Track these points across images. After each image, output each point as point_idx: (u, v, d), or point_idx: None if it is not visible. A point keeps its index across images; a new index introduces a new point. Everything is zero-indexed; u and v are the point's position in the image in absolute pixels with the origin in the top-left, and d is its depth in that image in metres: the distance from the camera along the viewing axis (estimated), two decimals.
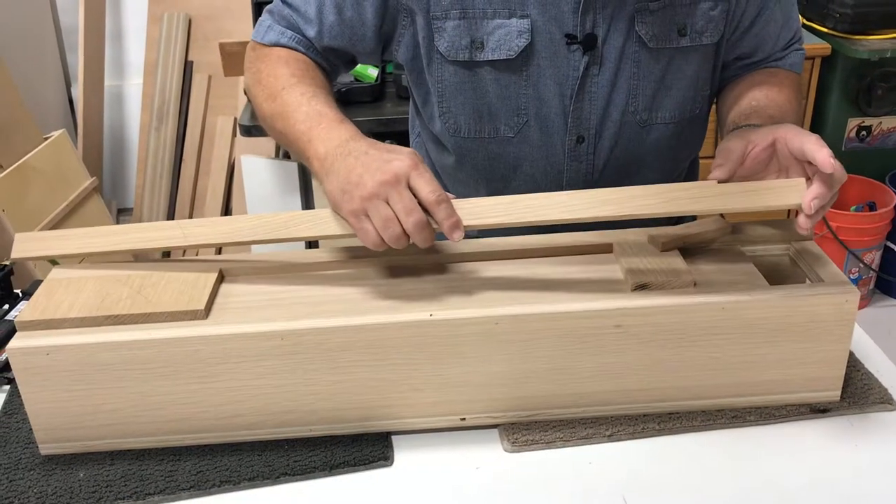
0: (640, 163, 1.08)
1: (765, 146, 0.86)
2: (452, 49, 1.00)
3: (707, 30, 1.01)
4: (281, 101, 0.96)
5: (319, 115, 0.92)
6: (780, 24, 1.07)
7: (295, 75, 0.99)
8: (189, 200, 2.80)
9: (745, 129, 0.91)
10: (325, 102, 0.94)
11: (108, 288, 0.89)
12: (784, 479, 0.82)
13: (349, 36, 1.03)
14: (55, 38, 2.86)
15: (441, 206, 0.80)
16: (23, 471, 0.85)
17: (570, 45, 0.99)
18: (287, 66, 1.01)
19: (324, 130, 0.90)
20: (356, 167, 0.83)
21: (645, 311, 0.82)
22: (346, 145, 0.86)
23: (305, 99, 0.95)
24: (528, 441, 0.86)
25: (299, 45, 1.04)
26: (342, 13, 1.01)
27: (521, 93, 1.01)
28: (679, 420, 0.88)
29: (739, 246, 0.95)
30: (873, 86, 2.31)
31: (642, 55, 1.00)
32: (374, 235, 0.81)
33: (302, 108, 0.94)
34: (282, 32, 1.04)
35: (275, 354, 0.82)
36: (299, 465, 0.84)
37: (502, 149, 1.06)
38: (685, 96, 1.05)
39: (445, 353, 0.83)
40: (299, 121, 0.93)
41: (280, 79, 0.99)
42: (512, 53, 0.98)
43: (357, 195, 0.81)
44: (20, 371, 0.82)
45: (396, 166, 0.80)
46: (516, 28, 0.97)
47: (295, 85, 0.97)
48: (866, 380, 0.92)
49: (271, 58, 1.03)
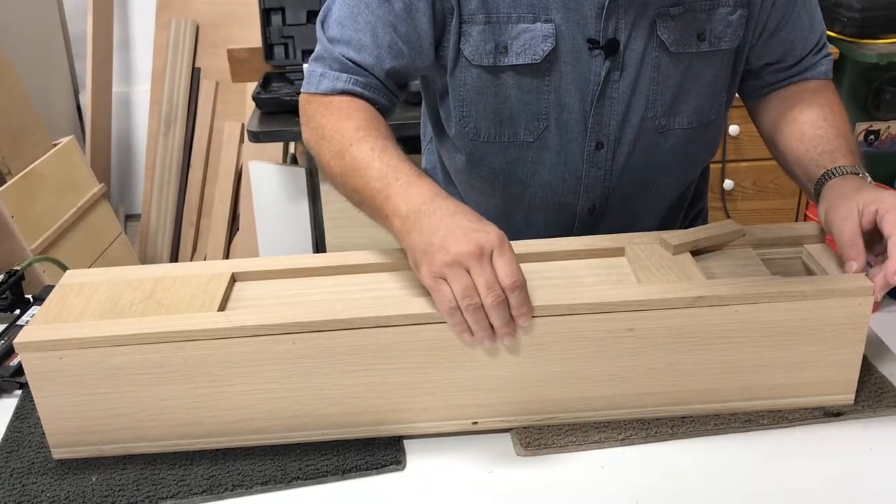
0: (657, 168, 1.08)
1: (871, 219, 0.86)
2: (477, 53, 0.99)
3: (726, 35, 1.01)
4: (350, 158, 0.91)
5: (395, 170, 0.88)
6: (807, 28, 1.07)
7: (361, 129, 0.94)
8: (197, 206, 2.81)
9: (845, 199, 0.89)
10: (398, 156, 0.90)
11: (119, 292, 0.89)
12: (798, 483, 0.81)
13: (408, 51, 0.99)
14: (63, 46, 2.88)
15: (516, 293, 0.78)
16: (35, 475, 0.85)
17: (593, 50, 0.98)
18: (351, 120, 0.95)
19: (402, 187, 0.86)
20: (440, 229, 0.80)
21: (656, 314, 0.82)
22: (431, 203, 0.83)
23: (376, 154, 0.90)
24: (541, 445, 0.86)
25: (356, 87, 0.98)
26: (397, 30, 0.97)
27: (543, 98, 1.01)
28: (692, 424, 0.87)
29: (751, 248, 0.94)
30: (881, 90, 2.30)
31: (662, 60, 1.00)
32: (452, 300, 0.78)
33: (374, 164, 0.89)
34: (336, 77, 0.99)
35: (287, 358, 0.82)
36: (312, 470, 0.84)
37: (521, 153, 1.06)
38: (703, 102, 1.05)
39: (457, 357, 0.83)
40: (374, 178, 0.88)
41: (346, 133, 0.94)
42: (537, 58, 0.98)
43: (438, 259, 0.78)
44: (33, 375, 0.82)
45: (482, 238, 0.78)
46: (541, 32, 0.97)
47: (363, 139, 0.92)
48: (880, 383, 0.92)
49: (332, 110, 0.97)
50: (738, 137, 2.29)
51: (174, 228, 2.82)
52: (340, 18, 0.99)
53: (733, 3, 1.00)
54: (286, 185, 2.28)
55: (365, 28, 0.97)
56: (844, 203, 0.88)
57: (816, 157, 0.99)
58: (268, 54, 2.34)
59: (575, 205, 1.09)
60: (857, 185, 0.91)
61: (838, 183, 0.93)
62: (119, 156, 3.00)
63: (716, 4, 0.99)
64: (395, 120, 2.03)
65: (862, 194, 0.88)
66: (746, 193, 2.39)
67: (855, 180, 0.93)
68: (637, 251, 0.92)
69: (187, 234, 2.83)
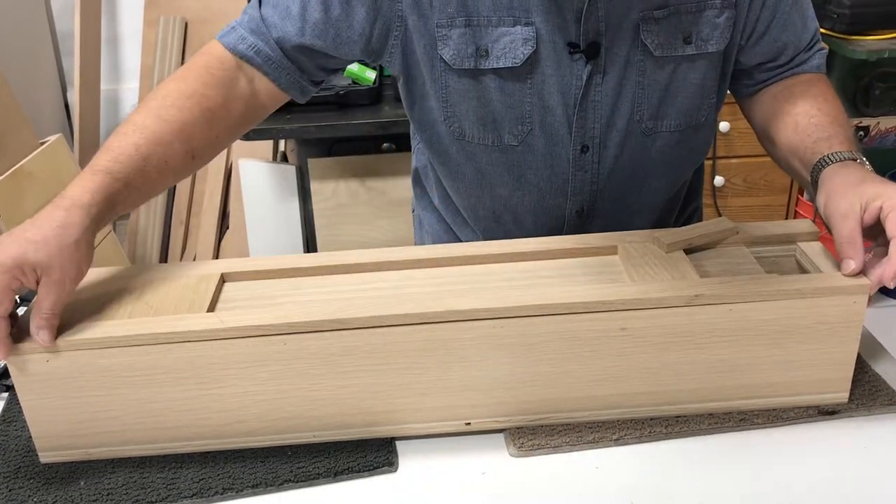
0: (646, 171, 1.07)
1: (874, 215, 0.84)
2: (458, 57, 0.98)
3: (713, 37, 0.99)
4: (128, 118, 0.93)
5: (106, 150, 0.88)
6: (800, 28, 1.05)
7: (168, 97, 0.93)
8: (186, 205, 2.79)
9: (844, 192, 0.86)
10: (134, 142, 0.88)
11: (107, 294, 0.88)
12: (792, 481, 0.81)
13: (333, 36, 0.98)
14: (51, 43, 2.85)
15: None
16: (22, 479, 0.84)
17: (573, 54, 0.98)
18: (181, 82, 0.95)
19: (81, 177, 0.86)
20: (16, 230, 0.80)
21: (650, 313, 0.82)
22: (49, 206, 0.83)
23: (131, 130, 0.90)
24: (535, 445, 0.85)
25: (255, 55, 0.98)
26: (329, 11, 0.96)
27: (525, 101, 1.00)
28: (686, 423, 0.87)
29: (745, 247, 0.94)
30: (871, 86, 2.31)
31: (647, 64, 0.99)
32: None
33: (113, 140, 0.90)
34: (242, 38, 0.98)
35: (277, 359, 0.81)
36: (303, 472, 0.83)
37: (506, 157, 1.05)
38: (691, 104, 1.04)
39: (450, 357, 0.82)
40: (100, 151, 0.89)
41: (156, 93, 0.94)
42: (518, 61, 0.97)
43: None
44: (19, 378, 0.81)
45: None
46: (521, 35, 0.96)
47: (151, 109, 0.92)
48: (874, 381, 0.91)
49: (191, 64, 0.98)
50: (729, 134, 2.30)
51: (164, 227, 2.80)
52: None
53: (720, 4, 0.98)
54: (276, 183, 2.27)
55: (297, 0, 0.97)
56: (846, 196, 0.85)
57: (812, 144, 0.96)
58: None
59: (563, 207, 1.08)
60: (860, 175, 0.88)
61: (837, 170, 0.90)
62: None
63: (702, 7, 0.98)
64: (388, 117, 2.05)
65: (865, 187, 0.85)
66: (737, 190, 2.39)
67: (855, 167, 0.90)
68: (630, 250, 0.91)
69: (177, 233, 2.81)
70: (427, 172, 1.21)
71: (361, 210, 2.17)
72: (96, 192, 0.84)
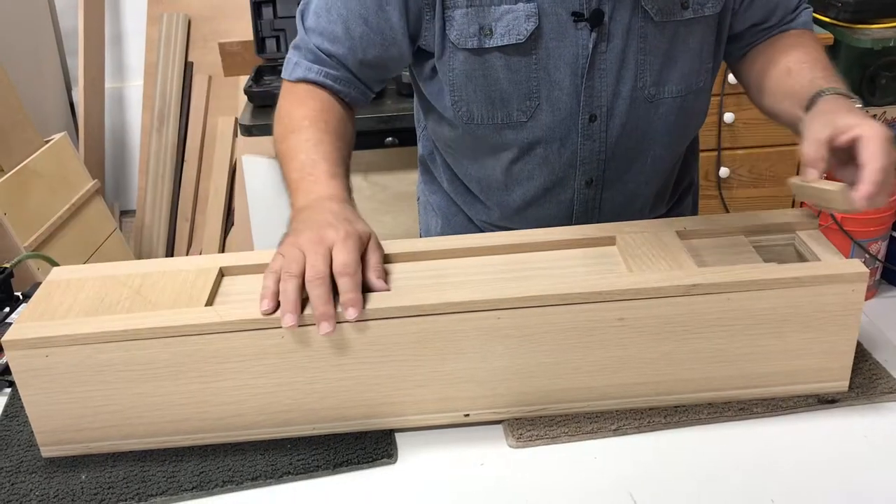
0: (650, 139, 1.09)
1: (848, 140, 0.83)
2: (462, 37, 1.00)
3: (708, 1, 1.02)
4: (287, 145, 0.99)
5: (313, 165, 0.95)
6: None
7: (308, 118, 1.00)
8: (191, 201, 2.80)
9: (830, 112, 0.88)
10: (326, 151, 0.96)
11: (107, 289, 0.88)
12: (792, 471, 0.81)
13: (380, 42, 1.02)
14: (55, 42, 2.86)
15: (344, 279, 0.80)
16: (24, 474, 0.84)
17: (578, 23, 0.99)
18: (303, 107, 1.02)
19: (309, 183, 0.93)
20: (309, 221, 0.86)
21: (648, 303, 0.81)
22: (321, 203, 0.89)
23: (310, 145, 0.97)
24: (533, 436, 0.85)
25: (326, 79, 1.04)
26: (368, 22, 1.01)
27: (532, 76, 1.02)
28: (685, 413, 0.87)
29: (743, 236, 0.93)
30: (877, 75, 2.30)
31: (648, 29, 1.01)
32: (277, 269, 0.82)
33: (300, 155, 0.96)
34: (308, 68, 1.04)
35: (275, 353, 0.82)
36: (302, 464, 0.83)
37: (516, 134, 1.06)
38: (690, 69, 1.06)
39: (448, 349, 0.83)
40: (294, 168, 0.96)
41: (293, 121, 1.01)
42: (521, 38, 0.98)
43: (289, 241, 0.85)
44: (20, 373, 0.82)
45: (328, 232, 0.83)
46: (524, 12, 0.98)
47: (304, 129, 0.99)
48: (874, 370, 0.91)
49: (292, 96, 1.04)
50: (734, 125, 2.28)
51: (169, 224, 2.81)
52: (317, 9, 1.03)
53: None
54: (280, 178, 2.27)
55: (337, 20, 1.02)
56: (824, 119, 0.86)
57: (807, 83, 0.98)
58: (259, 47, 2.33)
59: (573, 178, 1.10)
60: (846, 106, 0.89)
61: (828, 100, 0.92)
62: (113, 152, 2.99)
63: None
64: (390, 111, 2.04)
65: (845, 115, 0.86)
66: (742, 181, 2.38)
67: (844, 101, 0.91)
68: (627, 240, 0.91)
69: (182, 229, 2.82)
70: (434, 158, 1.23)
71: (364, 205, 2.17)
72: (344, 188, 0.95)
